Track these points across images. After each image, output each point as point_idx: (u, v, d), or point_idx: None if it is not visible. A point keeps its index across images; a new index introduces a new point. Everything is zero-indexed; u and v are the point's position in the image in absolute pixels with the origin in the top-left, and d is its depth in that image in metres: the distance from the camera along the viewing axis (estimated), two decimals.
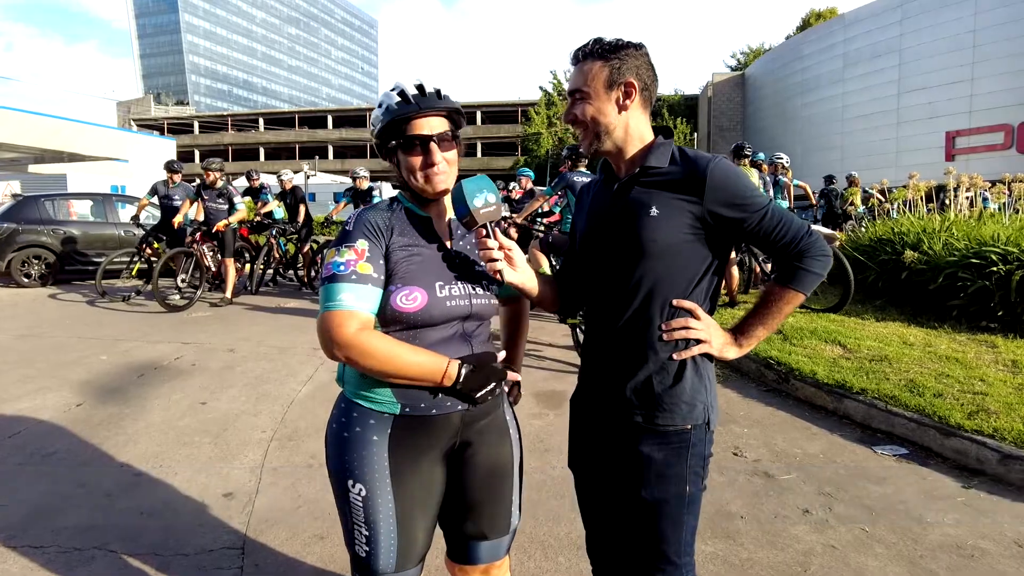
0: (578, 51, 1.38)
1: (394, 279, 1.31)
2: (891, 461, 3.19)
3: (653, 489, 1.34)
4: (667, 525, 1.36)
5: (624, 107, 1.35)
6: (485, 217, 1.29)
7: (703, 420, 1.36)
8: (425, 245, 1.37)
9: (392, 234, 1.34)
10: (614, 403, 1.39)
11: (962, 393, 3.61)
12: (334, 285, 1.26)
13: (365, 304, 1.26)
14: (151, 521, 2.65)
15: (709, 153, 1.36)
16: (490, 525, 1.47)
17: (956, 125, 26.26)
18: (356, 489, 1.32)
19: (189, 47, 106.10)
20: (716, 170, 1.29)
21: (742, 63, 46.74)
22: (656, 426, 1.34)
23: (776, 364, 4.39)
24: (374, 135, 1.38)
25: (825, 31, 33.20)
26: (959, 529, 2.54)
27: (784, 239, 1.32)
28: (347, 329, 1.23)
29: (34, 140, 21.27)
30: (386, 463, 1.32)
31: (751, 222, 1.31)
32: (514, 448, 1.52)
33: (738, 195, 1.30)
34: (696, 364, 1.36)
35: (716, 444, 3.33)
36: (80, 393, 4.30)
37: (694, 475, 1.36)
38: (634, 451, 1.36)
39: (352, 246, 1.29)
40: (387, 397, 1.33)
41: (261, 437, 3.55)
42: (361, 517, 1.33)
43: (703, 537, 2.48)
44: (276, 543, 2.50)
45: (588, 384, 1.49)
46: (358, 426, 1.34)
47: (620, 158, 1.41)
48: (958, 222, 6.63)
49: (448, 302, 1.34)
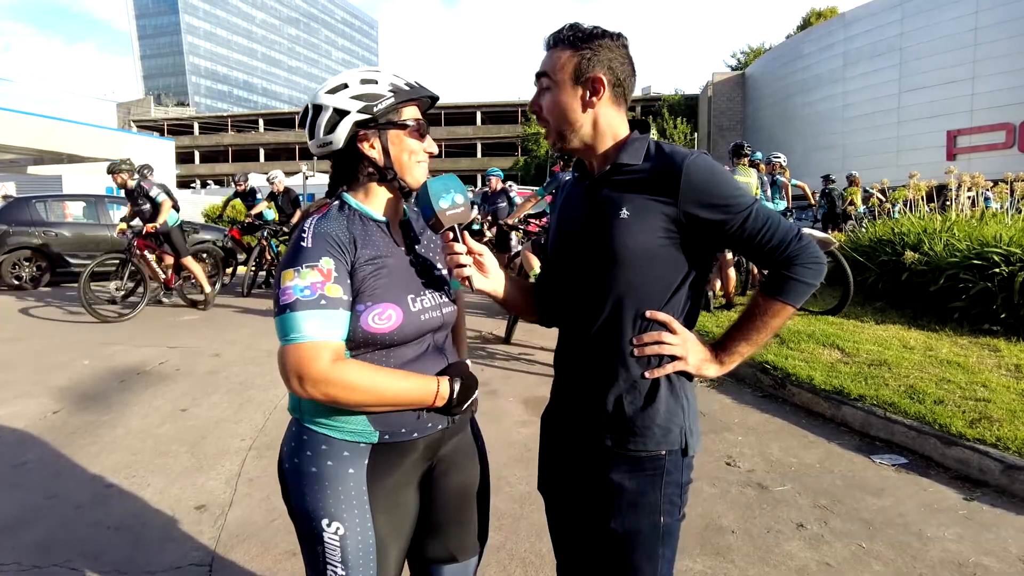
0: (551, 36, 1.26)
1: (362, 297, 1.16)
2: (890, 471, 3.08)
3: (624, 519, 1.22)
4: (641, 559, 1.24)
5: (590, 104, 1.23)
6: (452, 219, 1.19)
7: (679, 446, 1.24)
8: (389, 255, 1.23)
9: (355, 247, 1.18)
10: (583, 424, 1.28)
11: (964, 400, 3.49)
12: (298, 314, 1.08)
13: (336, 332, 1.11)
14: (118, 536, 2.55)
15: (694, 150, 1.22)
16: (459, 546, 1.36)
17: (957, 124, 26.13)
18: (333, 528, 1.17)
19: (189, 48, 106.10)
20: (692, 166, 1.16)
21: (742, 63, 46.63)
22: (627, 451, 1.23)
23: (772, 369, 4.28)
24: (371, 111, 1.19)
25: (825, 30, 33.08)
26: (961, 545, 2.42)
27: (770, 244, 1.18)
28: (320, 363, 1.08)
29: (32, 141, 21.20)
30: (365, 497, 1.19)
31: (733, 224, 1.17)
32: (483, 464, 1.43)
33: (717, 194, 1.16)
34: (672, 383, 1.24)
35: (709, 454, 3.27)
36: (59, 399, 4.19)
37: (669, 504, 1.24)
38: (604, 478, 1.24)
39: (315, 266, 1.12)
40: (362, 426, 1.19)
41: (240, 446, 3.44)
42: (338, 557, 1.18)
43: (691, 554, 2.38)
44: (246, 559, 2.39)
45: (558, 401, 1.38)
46: (330, 459, 1.18)
47: (592, 155, 1.29)
48: (960, 222, 6.52)
49: (422, 316, 1.23)
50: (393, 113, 1.23)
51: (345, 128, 1.19)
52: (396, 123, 1.23)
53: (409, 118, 1.25)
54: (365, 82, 1.21)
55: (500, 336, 5.98)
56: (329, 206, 1.25)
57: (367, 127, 1.21)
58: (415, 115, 1.27)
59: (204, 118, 67.75)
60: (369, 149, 1.22)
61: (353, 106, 1.19)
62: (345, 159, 1.25)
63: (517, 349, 5.59)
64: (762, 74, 38.38)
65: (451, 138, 56.99)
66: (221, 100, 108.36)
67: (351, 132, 1.20)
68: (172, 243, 7.37)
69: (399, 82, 1.24)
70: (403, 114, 1.24)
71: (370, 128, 1.21)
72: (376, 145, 1.22)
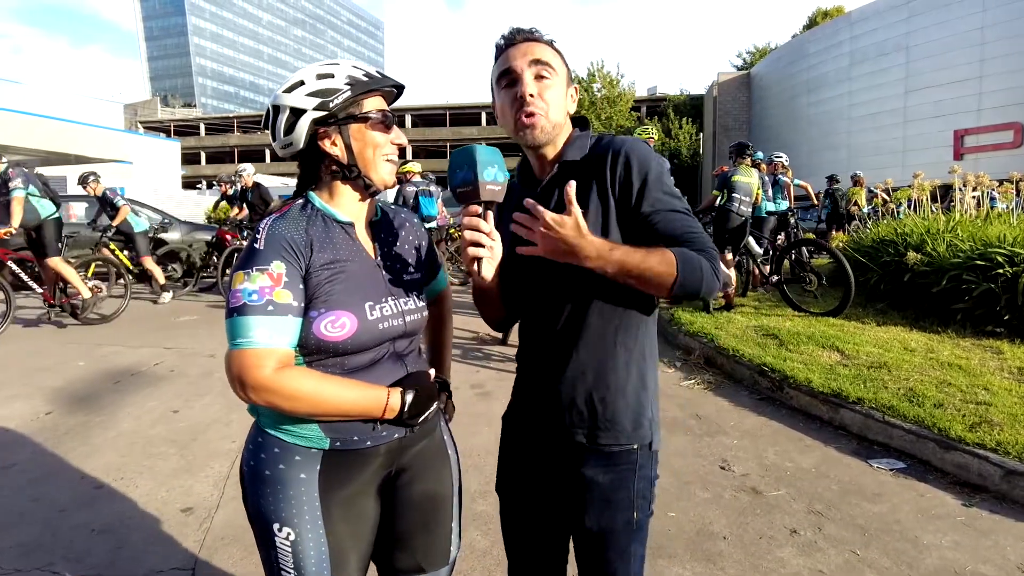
0: (533, 29, 1.23)
1: (315, 303, 1.12)
2: (887, 476, 3.02)
3: (599, 516, 1.22)
4: (615, 556, 1.23)
5: (569, 108, 1.26)
6: (489, 195, 1.08)
7: (647, 440, 1.24)
8: (348, 259, 1.18)
9: (312, 251, 1.13)
10: (552, 421, 1.26)
11: (964, 403, 3.43)
12: (245, 319, 1.05)
13: (283, 338, 1.07)
14: (102, 539, 2.52)
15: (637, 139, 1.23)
16: (426, 557, 1.32)
17: (964, 123, 25.87)
18: (284, 534, 1.14)
19: (196, 49, 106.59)
20: (625, 145, 1.19)
21: (748, 63, 46.38)
22: (599, 446, 1.22)
23: (770, 371, 4.22)
24: (328, 107, 1.14)
25: (831, 30, 32.85)
26: (958, 552, 2.37)
27: (690, 232, 1.15)
28: (262, 371, 1.04)
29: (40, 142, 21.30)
30: (317, 503, 1.16)
31: (654, 197, 1.16)
32: (453, 471, 1.38)
33: (647, 167, 1.17)
34: (641, 372, 1.24)
35: (703, 457, 3.22)
36: (51, 401, 4.18)
37: (642, 500, 1.24)
38: (576, 474, 1.23)
39: (266, 269, 1.08)
40: (313, 432, 1.15)
41: (230, 448, 3.41)
42: (290, 563, 1.15)
43: (681, 560, 2.33)
44: (229, 563, 2.36)
45: (523, 398, 1.35)
46: (281, 463, 1.16)
47: (542, 156, 1.28)
48: (963, 222, 6.43)
49: (380, 324, 1.17)
50: (353, 106, 1.17)
51: (303, 127, 1.15)
52: (357, 116, 1.17)
53: (371, 109, 1.19)
54: (321, 77, 1.16)
55: (496, 337, 5.94)
56: (290, 205, 1.20)
57: (326, 124, 1.16)
58: (378, 106, 1.21)
59: (210, 119, 67.97)
60: (331, 147, 1.17)
61: (309, 103, 1.14)
62: (308, 159, 1.21)
63: (513, 350, 5.51)
64: (767, 74, 38.18)
65: (456, 138, 57.00)
66: (227, 101, 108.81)
67: (310, 130, 1.15)
68: (43, 241, 6.55)
69: (357, 73, 1.18)
70: (364, 106, 1.19)
71: (329, 124, 1.16)
72: (338, 142, 1.17)
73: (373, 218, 1.29)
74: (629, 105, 39.41)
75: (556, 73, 1.21)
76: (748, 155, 6.83)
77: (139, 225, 8.23)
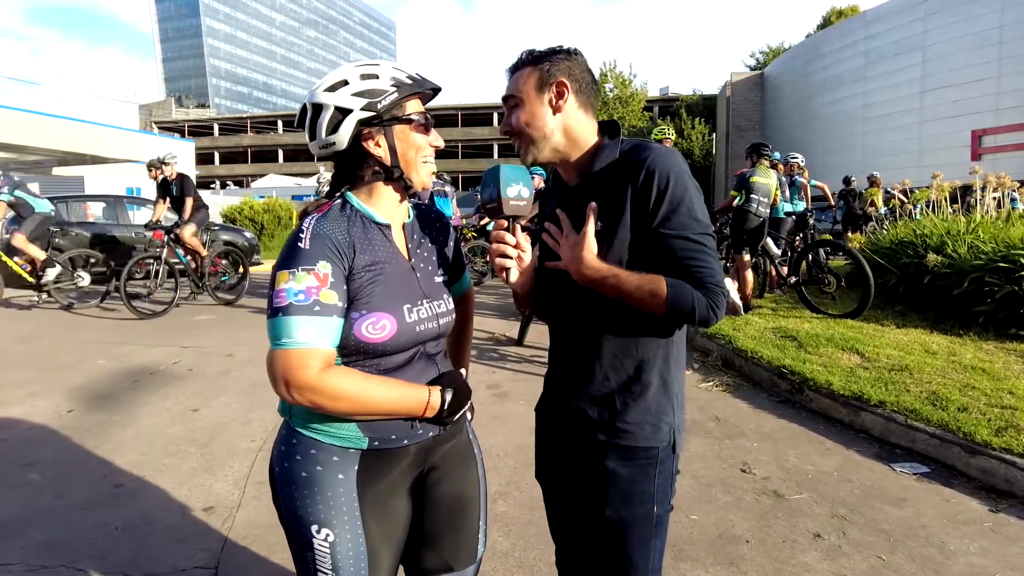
0: (511, 66, 1.29)
1: (357, 305, 1.12)
2: (911, 480, 2.98)
3: (619, 508, 1.24)
4: (633, 548, 1.26)
5: (558, 108, 1.24)
6: (513, 209, 1.19)
7: (668, 442, 1.26)
8: (387, 261, 1.19)
9: (354, 252, 1.14)
10: (575, 419, 1.30)
11: (989, 407, 3.38)
12: (291, 318, 1.05)
13: (328, 339, 1.08)
14: (125, 537, 2.54)
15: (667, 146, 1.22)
16: (455, 555, 1.33)
17: (982, 123, 25.53)
18: (322, 535, 1.14)
19: (210, 50, 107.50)
20: (653, 156, 1.17)
21: (761, 62, 46.08)
22: (619, 445, 1.24)
23: (790, 373, 4.18)
24: (375, 108, 1.15)
25: (846, 29, 32.56)
26: (986, 558, 2.33)
27: (695, 262, 1.15)
28: (309, 371, 1.04)
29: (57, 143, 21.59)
30: (356, 503, 1.17)
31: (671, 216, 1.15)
32: (479, 470, 1.40)
33: (670, 185, 1.15)
34: (664, 380, 1.25)
35: (724, 460, 3.20)
36: (72, 399, 4.22)
37: (661, 494, 1.26)
38: (599, 465, 1.26)
39: (312, 270, 1.08)
40: (352, 432, 1.16)
41: (249, 447, 3.43)
42: (328, 564, 1.15)
43: (704, 563, 2.31)
44: (251, 563, 2.37)
45: (551, 394, 1.40)
46: (319, 464, 1.16)
47: (566, 166, 1.29)
48: (985, 224, 6.35)
49: (417, 327, 1.19)
50: (397, 108, 1.18)
51: (349, 127, 1.14)
52: (401, 118, 1.18)
53: (414, 112, 1.20)
54: (366, 77, 1.16)
55: (512, 338, 5.94)
56: (330, 205, 1.20)
57: (371, 124, 1.16)
58: (419, 109, 1.22)
59: (224, 119, 68.56)
60: (375, 148, 1.18)
61: (356, 104, 1.14)
62: (349, 159, 1.20)
63: (529, 351, 5.54)
64: (781, 74, 37.91)
65: (468, 139, 57.09)
66: (240, 102, 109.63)
67: (355, 131, 1.15)
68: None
69: (401, 75, 1.19)
70: (407, 108, 1.20)
71: (375, 125, 1.16)
72: (382, 143, 1.18)
73: (407, 220, 1.30)
74: (641, 105, 39.34)
75: (519, 99, 1.24)
76: (765, 155, 6.77)
77: (39, 206, 7.58)
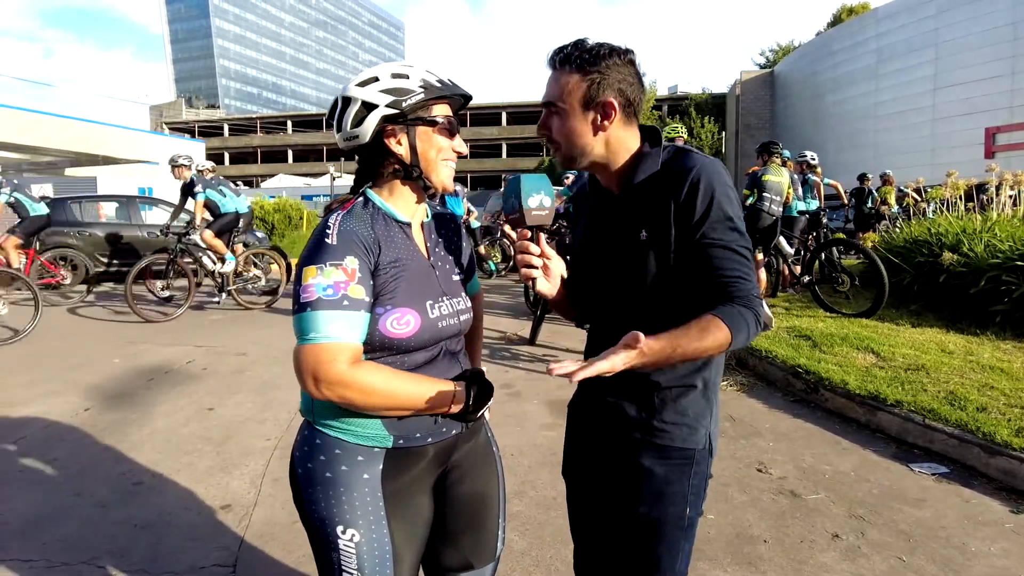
0: (555, 56, 1.19)
1: (382, 300, 1.13)
2: (929, 481, 2.96)
3: (651, 507, 1.23)
4: (663, 550, 1.25)
5: (601, 127, 1.18)
6: (535, 220, 1.19)
7: (704, 445, 1.25)
8: (409, 258, 1.20)
9: (380, 249, 1.15)
10: (612, 416, 1.29)
11: (1009, 407, 3.34)
12: (320, 313, 1.05)
13: (356, 334, 1.08)
14: (144, 534, 2.56)
15: (711, 156, 1.20)
16: (475, 553, 1.34)
17: (996, 121, 25.30)
18: (348, 535, 1.14)
19: (220, 51, 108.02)
20: (697, 166, 1.14)
21: (771, 61, 45.86)
22: (655, 444, 1.24)
23: (805, 373, 4.16)
24: (400, 106, 1.15)
25: (857, 26, 32.36)
26: (1007, 560, 2.30)
27: (735, 276, 1.12)
28: (339, 365, 1.05)
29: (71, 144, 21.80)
30: (381, 503, 1.17)
31: (714, 227, 1.12)
32: (498, 469, 1.41)
33: (713, 195, 1.12)
34: (705, 383, 1.24)
35: (739, 460, 3.18)
36: (89, 397, 4.26)
37: (694, 496, 1.25)
38: (634, 463, 1.25)
39: (340, 265, 1.09)
40: (377, 430, 1.16)
41: (265, 445, 3.44)
42: (353, 564, 1.15)
43: (722, 563, 2.30)
44: (268, 561, 2.38)
45: (587, 391, 1.39)
46: (344, 464, 1.15)
47: (606, 172, 1.26)
48: (1001, 222, 6.28)
49: (440, 323, 1.20)
50: (423, 109, 1.19)
51: (372, 122, 1.15)
52: (425, 119, 1.19)
53: (439, 115, 1.21)
54: (396, 76, 1.18)
55: (525, 337, 5.94)
56: (353, 202, 1.21)
57: (395, 122, 1.17)
58: (445, 113, 1.23)
59: (233, 120, 68.91)
60: (396, 145, 1.18)
61: (382, 100, 1.15)
62: (371, 154, 1.22)
63: (542, 351, 5.53)
64: (791, 72, 37.71)
65: (477, 138, 57.10)
66: (250, 102, 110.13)
67: (378, 126, 1.16)
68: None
69: (431, 79, 1.20)
70: (433, 111, 1.20)
71: (398, 123, 1.17)
72: (403, 141, 1.18)
73: (424, 220, 1.31)
74: (651, 104, 39.26)
75: (562, 109, 1.19)
76: (776, 154, 6.72)
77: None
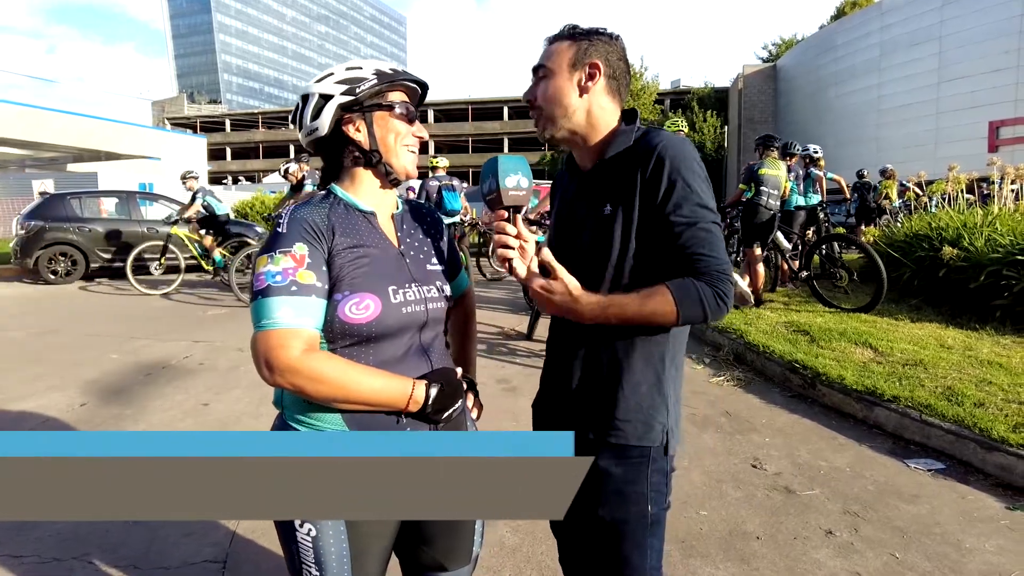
0: (551, 35, 1.28)
1: (340, 286, 1.13)
2: (925, 476, 2.94)
3: (612, 508, 1.23)
4: (630, 548, 1.24)
5: (585, 89, 1.23)
6: (512, 200, 1.18)
7: (660, 443, 1.24)
8: (372, 245, 1.20)
9: (334, 235, 1.16)
10: (567, 414, 1.30)
11: (1006, 403, 3.32)
12: (269, 300, 1.07)
13: (308, 319, 1.09)
14: (136, 530, 2.55)
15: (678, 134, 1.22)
16: (449, 556, 1.33)
17: (1000, 114, 25.13)
18: (305, 530, 1.15)
19: (222, 46, 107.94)
20: (662, 143, 1.16)
21: (774, 54, 45.63)
22: (609, 444, 1.23)
23: (802, 368, 4.14)
24: (355, 93, 1.18)
25: (860, 19, 32.13)
26: (1003, 557, 2.29)
27: (700, 249, 1.12)
28: (290, 351, 1.05)
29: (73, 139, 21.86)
30: None
31: (679, 204, 1.13)
32: None
33: (679, 171, 1.14)
34: (658, 379, 1.23)
35: (734, 456, 3.17)
36: (86, 392, 4.26)
37: (656, 493, 1.24)
38: (592, 464, 1.22)
39: (288, 251, 1.10)
40: (336, 424, 1.15)
41: None
42: (311, 558, 1.16)
43: (715, 560, 2.29)
44: (259, 557, 2.38)
45: (546, 390, 1.39)
46: None
47: (582, 147, 1.28)
48: (1002, 216, 6.24)
49: (403, 308, 1.19)
50: (378, 96, 1.22)
51: (330, 112, 1.19)
52: (381, 105, 1.22)
53: (395, 101, 1.24)
54: (350, 68, 1.22)
55: (522, 332, 5.92)
56: (312, 196, 1.25)
57: (352, 110, 1.20)
58: (402, 99, 1.26)
59: (235, 115, 68.85)
60: (355, 132, 1.21)
61: (337, 89, 1.19)
62: (331, 145, 1.24)
63: (539, 346, 5.51)
64: (794, 66, 37.51)
65: (479, 133, 57.05)
66: (252, 97, 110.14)
67: (336, 116, 1.19)
68: None
69: (384, 67, 1.23)
70: (388, 97, 1.23)
71: (355, 111, 1.20)
72: (361, 128, 1.21)
73: (395, 211, 1.31)
74: (653, 98, 39.08)
75: (550, 69, 1.24)
76: (774, 147, 6.69)
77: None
